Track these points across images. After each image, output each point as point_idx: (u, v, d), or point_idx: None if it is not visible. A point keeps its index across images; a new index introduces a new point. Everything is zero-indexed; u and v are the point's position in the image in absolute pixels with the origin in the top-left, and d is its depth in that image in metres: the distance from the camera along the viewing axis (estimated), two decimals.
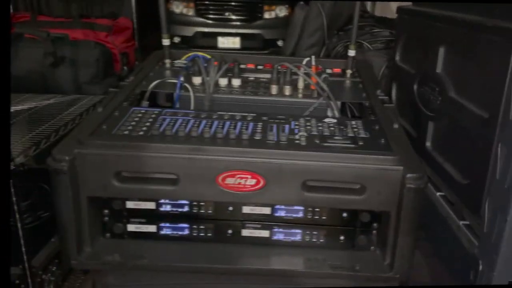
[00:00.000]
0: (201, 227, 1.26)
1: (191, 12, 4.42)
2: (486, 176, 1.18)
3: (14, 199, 1.40)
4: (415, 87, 1.64)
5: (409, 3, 1.82)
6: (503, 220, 1.08)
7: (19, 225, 1.42)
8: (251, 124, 1.26)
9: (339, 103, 1.47)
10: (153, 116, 1.29)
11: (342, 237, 1.26)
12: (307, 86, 1.55)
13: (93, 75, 2.05)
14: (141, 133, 1.19)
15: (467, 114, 1.29)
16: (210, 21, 4.42)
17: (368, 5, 3.52)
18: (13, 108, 1.71)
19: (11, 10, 2.52)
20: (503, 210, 1.08)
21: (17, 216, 1.42)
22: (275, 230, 1.26)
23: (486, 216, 1.15)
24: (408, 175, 1.10)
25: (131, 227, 1.26)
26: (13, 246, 1.35)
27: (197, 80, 1.55)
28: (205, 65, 1.55)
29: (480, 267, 1.16)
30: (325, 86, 1.47)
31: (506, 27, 1.14)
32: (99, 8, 2.87)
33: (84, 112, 1.68)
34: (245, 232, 1.26)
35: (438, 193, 1.44)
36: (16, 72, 1.95)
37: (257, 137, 1.19)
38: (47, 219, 1.58)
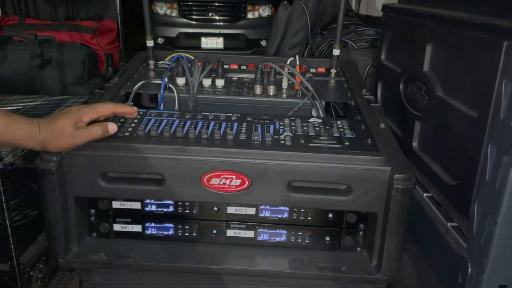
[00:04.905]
0: (186, 227, 1.18)
1: (174, 13, 4.34)
2: (475, 177, 1.09)
3: (2, 197, 1.34)
4: (401, 86, 1.52)
5: (395, 1, 1.69)
6: (493, 222, 0.98)
7: (7, 223, 1.37)
8: (235, 125, 1.16)
9: (323, 102, 1.36)
10: (138, 117, 1.20)
11: (328, 238, 1.16)
12: (291, 86, 1.44)
13: (79, 76, 1.97)
14: (127, 133, 1.10)
15: (455, 113, 1.19)
16: (193, 22, 4.34)
17: (353, 3, 3.41)
18: (2, 109, 1.61)
19: (0, 14, 2.45)
20: (493, 212, 0.98)
21: (6, 214, 1.36)
22: (260, 230, 1.17)
23: (475, 218, 1.06)
24: (396, 176, 1.01)
25: (117, 227, 1.19)
26: (1, 244, 1.36)
27: (181, 80, 1.45)
28: (189, 65, 1.45)
29: (469, 270, 1.06)
30: (309, 86, 1.35)
31: (496, 24, 1.04)
32: (84, 11, 2.83)
33: None
34: (230, 233, 1.17)
35: (425, 194, 1.34)
36: (4, 74, 1.90)
37: (242, 137, 1.09)
38: (34, 217, 1.50)
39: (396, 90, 1.55)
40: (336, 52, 1.59)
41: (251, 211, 1.14)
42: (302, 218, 1.14)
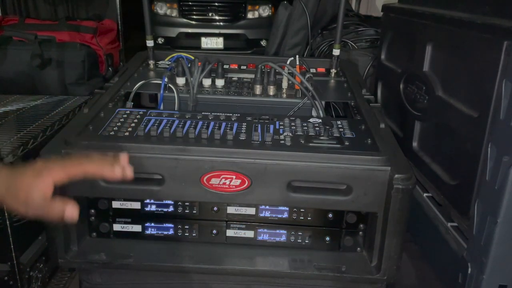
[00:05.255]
0: (186, 227, 1.17)
1: (174, 13, 4.32)
2: (475, 177, 1.08)
3: None
4: (401, 86, 1.52)
5: (395, 1, 1.68)
6: (493, 222, 0.98)
7: (7, 223, 1.36)
8: (235, 124, 1.16)
9: (323, 102, 1.35)
10: (138, 117, 1.20)
11: (328, 238, 1.16)
12: (291, 86, 1.44)
13: (79, 76, 1.96)
14: (127, 133, 1.11)
15: (455, 113, 1.18)
16: (193, 22, 4.33)
17: (353, 3, 3.40)
18: (1, 109, 1.66)
19: (0, 14, 2.44)
20: (493, 212, 0.98)
21: (6, 214, 1.35)
22: (260, 230, 1.17)
23: (476, 218, 1.05)
24: (396, 176, 1.00)
25: (116, 227, 1.19)
26: (1, 244, 1.36)
27: (181, 80, 1.45)
28: (189, 65, 1.45)
29: (469, 270, 1.06)
30: (309, 86, 1.35)
31: (496, 24, 1.03)
32: (84, 11, 2.82)
33: (70, 113, 1.60)
34: (230, 233, 1.17)
35: (425, 194, 1.33)
36: (4, 74, 1.89)
37: (242, 137, 1.09)
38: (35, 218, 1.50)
39: (396, 90, 1.54)
40: (336, 52, 1.59)
41: (251, 211, 1.14)
42: (302, 218, 1.14)
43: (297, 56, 1.52)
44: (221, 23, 4.30)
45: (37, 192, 0.79)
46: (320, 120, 1.20)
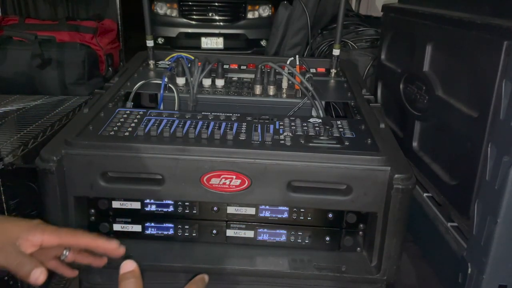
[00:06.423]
0: (186, 227, 1.17)
1: (174, 13, 4.34)
2: (475, 177, 1.08)
3: (2, 197, 1.35)
4: (401, 86, 1.52)
5: (395, 1, 1.69)
6: (493, 222, 0.98)
7: None
8: (235, 125, 1.16)
9: (323, 102, 1.35)
10: (138, 117, 1.20)
11: (328, 238, 1.16)
12: (291, 86, 1.44)
13: (79, 76, 1.96)
14: (127, 133, 1.11)
15: (455, 113, 1.18)
16: (193, 22, 4.34)
17: (353, 3, 3.41)
18: (2, 109, 1.66)
19: (0, 14, 2.45)
20: (493, 212, 0.98)
21: (6, 214, 1.36)
22: (260, 230, 1.16)
23: (475, 218, 1.05)
24: (396, 176, 1.00)
25: (116, 227, 1.18)
26: None
27: (181, 80, 1.45)
28: (189, 65, 1.45)
29: (469, 270, 1.06)
30: (309, 86, 1.35)
31: (496, 24, 1.03)
32: (84, 10, 2.82)
33: (70, 113, 1.60)
34: (230, 232, 1.17)
35: (425, 194, 1.33)
36: (4, 74, 1.90)
37: (242, 137, 1.09)
38: (34, 217, 1.49)
39: (396, 90, 1.54)
40: (336, 52, 1.59)
41: (251, 211, 1.13)
42: (302, 218, 1.13)
43: (297, 56, 1.51)
44: (221, 23, 4.31)
45: (21, 241, 0.75)
46: (320, 120, 1.20)
